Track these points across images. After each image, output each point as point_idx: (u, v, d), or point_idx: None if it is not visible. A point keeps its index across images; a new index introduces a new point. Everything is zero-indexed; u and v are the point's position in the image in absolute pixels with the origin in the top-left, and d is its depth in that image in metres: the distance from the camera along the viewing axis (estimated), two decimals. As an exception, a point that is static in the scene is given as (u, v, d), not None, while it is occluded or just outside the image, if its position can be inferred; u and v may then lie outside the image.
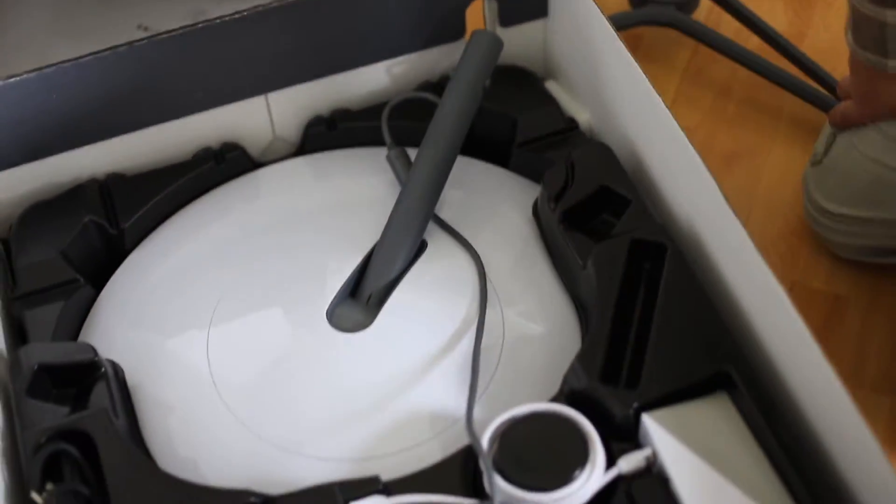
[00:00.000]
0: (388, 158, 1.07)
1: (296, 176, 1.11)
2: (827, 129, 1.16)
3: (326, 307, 0.96)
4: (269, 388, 0.93)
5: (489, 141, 1.12)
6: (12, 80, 1.01)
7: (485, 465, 0.82)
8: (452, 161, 1.03)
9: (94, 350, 0.92)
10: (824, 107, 1.27)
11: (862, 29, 1.01)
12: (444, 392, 0.91)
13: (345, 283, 0.97)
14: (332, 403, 0.91)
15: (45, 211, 1.07)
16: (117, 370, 0.94)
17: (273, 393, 0.92)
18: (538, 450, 0.83)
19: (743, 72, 1.33)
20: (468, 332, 0.95)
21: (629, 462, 0.85)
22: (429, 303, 0.97)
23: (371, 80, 1.16)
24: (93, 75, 1.03)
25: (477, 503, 0.82)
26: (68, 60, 1.02)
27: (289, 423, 0.90)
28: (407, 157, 1.06)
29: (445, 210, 1.03)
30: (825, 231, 1.13)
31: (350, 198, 1.08)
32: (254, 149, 1.13)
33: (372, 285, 0.97)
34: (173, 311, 0.99)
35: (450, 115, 1.03)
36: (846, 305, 1.12)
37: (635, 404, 0.87)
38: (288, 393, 0.92)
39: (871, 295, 1.12)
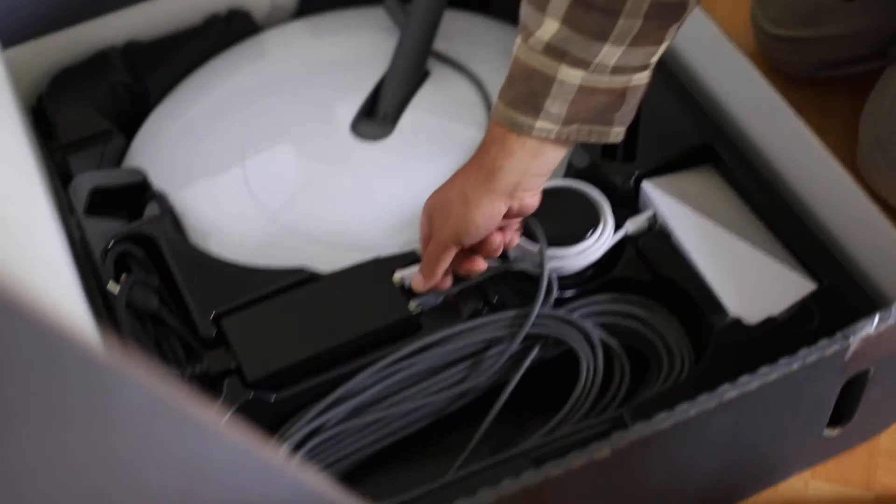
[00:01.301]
0: (386, 5, 1.17)
1: (303, 34, 1.21)
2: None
3: (348, 124, 1.06)
4: (303, 190, 1.03)
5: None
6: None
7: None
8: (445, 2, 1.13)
9: (142, 173, 1.02)
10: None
11: None
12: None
13: (363, 104, 1.08)
14: (357, 201, 1.02)
15: (74, 75, 1.16)
16: (164, 195, 1.03)
17: (306, 194, 1.02)
18: (556, 217, 0.94)
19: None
20: (473, 141, 1.05)
21: (634, 223, 0.97)
22: (437, 118, 1.08)
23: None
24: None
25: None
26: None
27: (323, 220, 1.00)
28: (402, 3, 1.16)
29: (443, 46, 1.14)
30: (775, 53, 1.26)
31: (355, 48, 1.17)
32: (257, 14, 1.22)
33: (387, 104, 1.07)
34: (206, 144, 1.08)
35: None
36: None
37: (635, 173, 0.98)
38: (319, 193, 1.03)
39: (822, 111, 1.24)
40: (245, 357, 0.88)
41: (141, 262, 0.95)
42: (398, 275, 0.93)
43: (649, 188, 0.98)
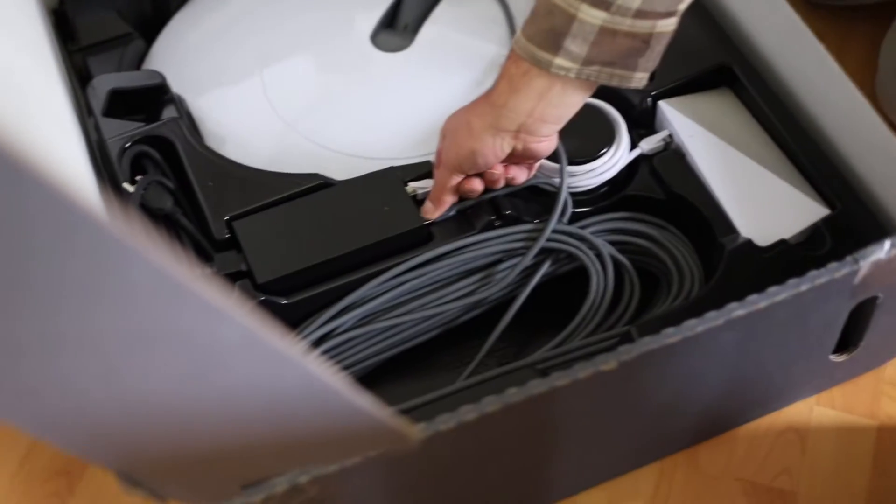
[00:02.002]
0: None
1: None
2: None
3: (368, 35, 1.06)
4: (321, 99, 1.03)
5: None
6: None
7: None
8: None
9: (161, 75, 1.02)
10: None
11: None
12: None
13: (383, 14, 1.07)
14: (375, 112, 1.02)
15: (95, -22, 1.15)
16: (182, 99, 1.03)
17: (324, 103, 1.03)
18: (572, 134, 0.93)
19: None
20: (493, 57, 1.05)
21: (649, 143, 0.96)
22: (458, 32, 1.07)
23: None
24: None
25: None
26: None
27: (339, 129, 1.00)
28: None
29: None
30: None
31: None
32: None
33: (407, 15, 1.07)
34: (226, 51, 1.08)
35: None
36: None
37: (652, 93, 0.98)
38: (337, 103, 1.03)
39: (842, 39, 1.23)
40: (256, 260, 0.88)
41: (157, 164, 0.96)
42: (412, 185, 0.93)
43: (666, 108, 0.97)
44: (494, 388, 0.75)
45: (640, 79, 0.82)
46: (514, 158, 0.88)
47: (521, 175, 0.90)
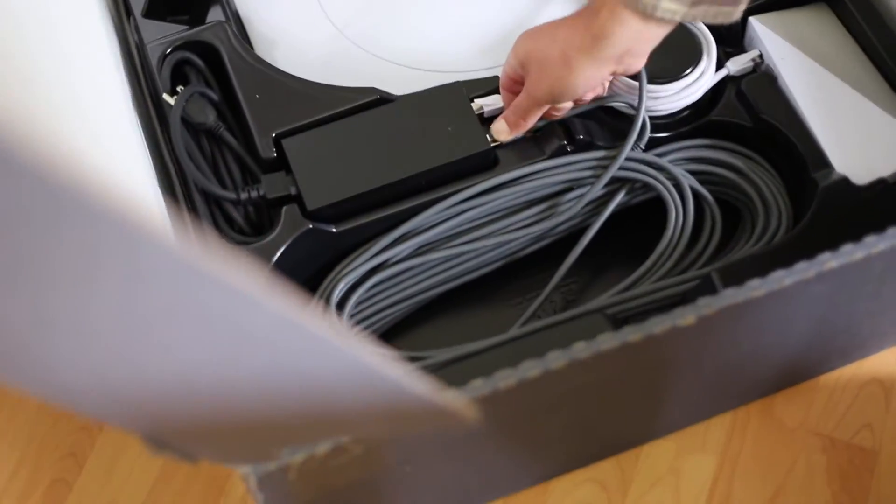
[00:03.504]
0: None
1: None
2: None
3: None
4: (379, 4, 0.95)
5: None
6: None
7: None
8: None
9: (207, -29, 0.94)
10: None
11: None
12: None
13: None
14: (437, 19, 0.94)
15: None
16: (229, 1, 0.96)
17: (382, 8, 0.95)
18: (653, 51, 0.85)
19: None
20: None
21: (737, 63, 0.88)
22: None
23: None
24: None
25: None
26: None
27: (397, 38, 0.93)
28: None
29: None
30: None
31: None
32: None
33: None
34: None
35: None
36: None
37: (743, 7, 0.89)
38: (396, 8, 0.95)
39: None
40: (306, 184, 0.82)
41: (200, 73, 0.88)
42: (478, 102, 0.85)
43: (757, 25, 0.89)
44: (558, 338, 0.69)
45: (741, 10, 0.75)
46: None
47: (608, 84, 0.85)
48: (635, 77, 0.83)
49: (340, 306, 0.82)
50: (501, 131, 0.83)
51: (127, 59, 0.91)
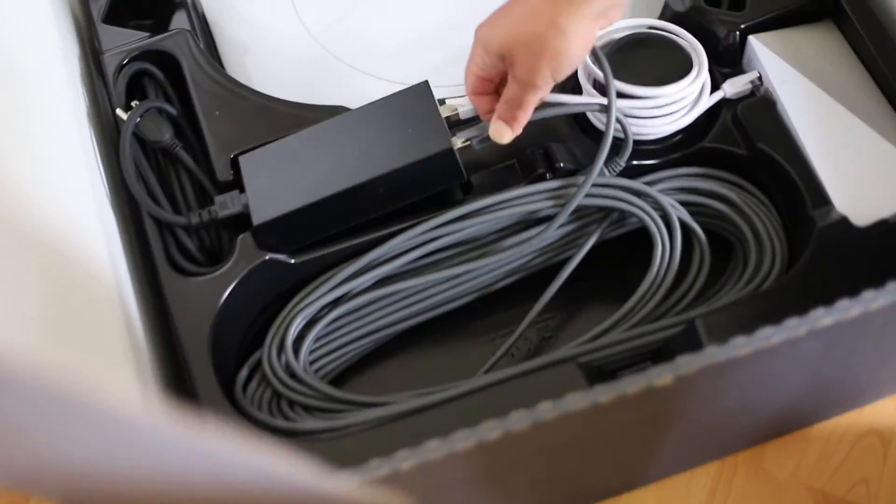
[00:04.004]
0: None
1: None
2: None
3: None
4: (352, 18, 0.89)
5: None
6: None
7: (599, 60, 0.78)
8: None
9: (171, -27, 0.89)
10: None
11: None
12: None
13: None
14: (410, 33, 0.88)
15: None
16: (196, 3, 0.90)
17: (355, 23, 0.89)
18: (642, 69, 0.79)
19: None
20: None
21: (734, 85, 0.82)
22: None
23: None
24: None
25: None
26: None
27: (369, 49, 0.87)
28: None
29: None
30: None
31: None
32: None
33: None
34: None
35: None
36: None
37: (742, 25, 0.82)
38: (371, 21, 0.89)
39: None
40: (255, 199, 0.76)
41: (160, 85, 0.83)
42: (452, 102, 0.80)
43: (757, 44, 0.82)
44: (527, 388, 0.64)
45: None
46: None
47: None
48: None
49: (298, 342, 0.77)
50: (501, 132, 0.76)
51: (87, 70, 0.85)
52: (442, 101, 0.79)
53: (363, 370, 0.80)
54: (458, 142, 0.77)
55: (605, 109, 0.76)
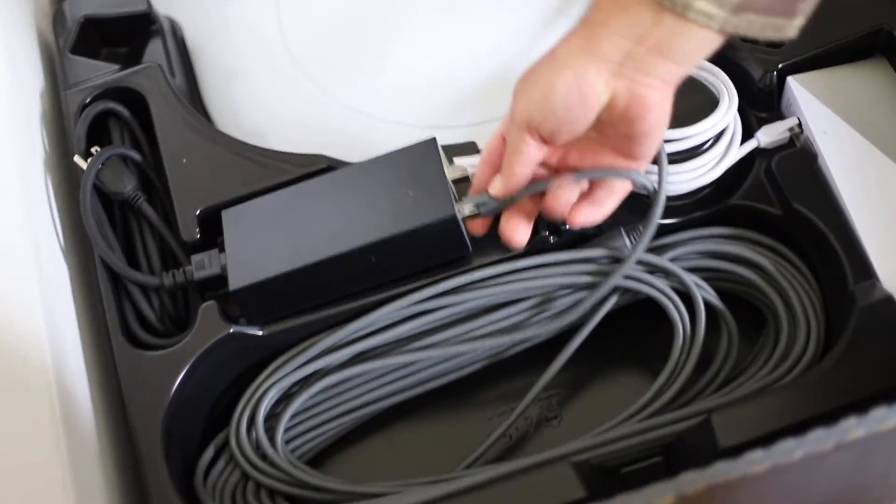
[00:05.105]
0: None
1: None
2: None
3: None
4: (344, 50, 0.81)
5: None
6: None
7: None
8: None
9: (147, 1, 0.80)
10: None
11: None
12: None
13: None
14: (408, 71, 0.80)
15: None
16: (175, 28, 0.82)
17: (348, 54, 0.80)
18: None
19: None
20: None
21: (769, 133, 0.72)
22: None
23: None
24: None
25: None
26: None
27: (365, 88, 0.79)
28: None
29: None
30: None
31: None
32: None
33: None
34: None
35: None
36: None
37: (780, 64, 0.73)
38: (365, 57, 0.80)
39: None
40: (234, 262, 0.67)
41: (127, 126, 0.75)
42: (461, 162, 0.71)
43: (796, 86, 0.72)
44: (516, 493, 0.59)
45: (797, 26, 0.57)
46: (606, 132, 0.62)
47: (596, 213, 0.66)
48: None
49: (271, 419, 0.69)
50: (495, 187, 0.65)
51: (54, 108, 0.78)
52: (451, 161, 0.71)
53: (341, 450, 0.72)
54: (465, 209, 0.67)
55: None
